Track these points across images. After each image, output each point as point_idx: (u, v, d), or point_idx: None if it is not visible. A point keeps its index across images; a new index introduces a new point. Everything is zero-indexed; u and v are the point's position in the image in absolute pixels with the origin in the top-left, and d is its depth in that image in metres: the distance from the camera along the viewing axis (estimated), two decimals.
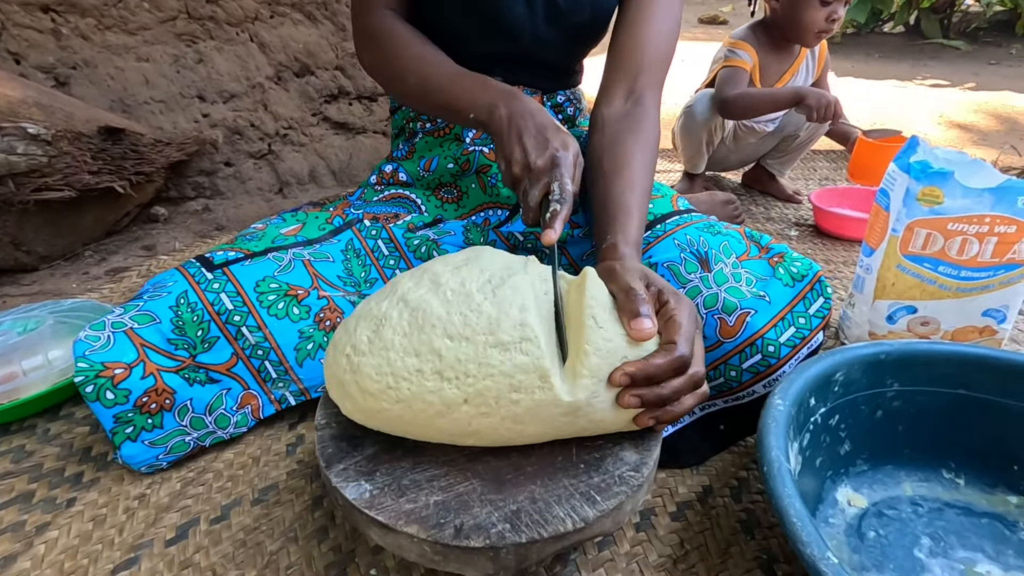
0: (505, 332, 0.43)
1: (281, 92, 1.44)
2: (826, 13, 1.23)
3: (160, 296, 0.60)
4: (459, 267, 0.48)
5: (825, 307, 0.65)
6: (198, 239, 1.23)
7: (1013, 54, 3.55)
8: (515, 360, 0.43)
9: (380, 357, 0.44)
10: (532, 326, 0.43)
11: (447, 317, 0.44)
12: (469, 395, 0.43)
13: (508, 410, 0.43)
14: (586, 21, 0.78)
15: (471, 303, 0.44)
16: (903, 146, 0.78)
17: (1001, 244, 0.70)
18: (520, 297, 0.44)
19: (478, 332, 0.43)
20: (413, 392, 0.43)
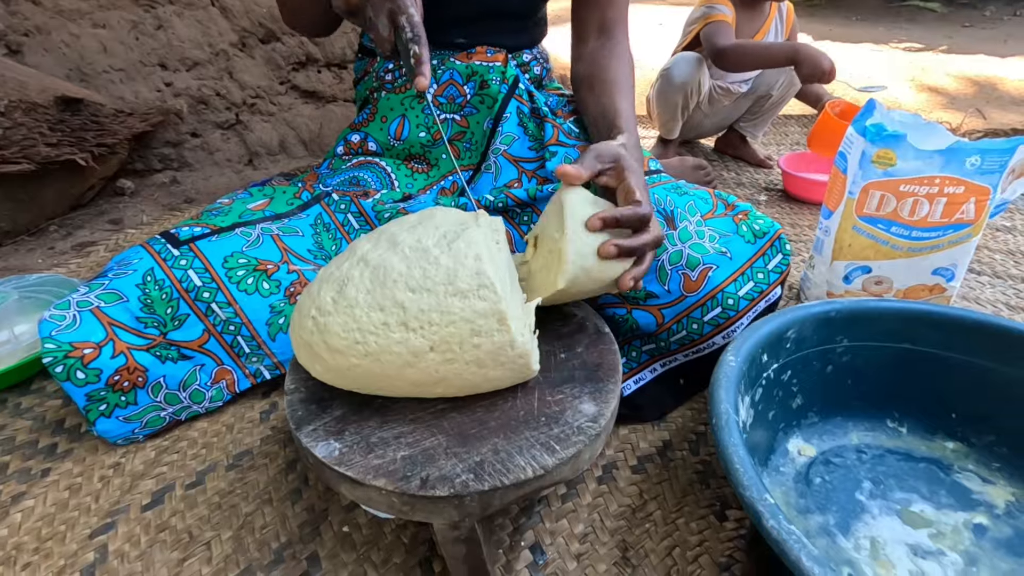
0: (463, 281, 0.45)
1: (247, 59, 1.41)
2: None
3: (125, 274, 0.60)
4: (414, 226, 0.49)
5: (783, 263, 0.67)
6: (166, 212, 1.22)
7: (988, 16, 3.57)
8: (474, 306, 0.44)
9: (346, 315, 0.45)
10: (487, 274, 0.45)
11: (407, 272, 0.45)
12: (434, 343, 0.45)
13: (471, 354, 0.45)
14: None
15: (429, 257, 0.46)
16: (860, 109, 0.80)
17: (950, 204, 0.72)
18: (474, 248, 0.46)
19: (438, 283, 0.45)
20: (380, 345, 0.45)
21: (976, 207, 0.72)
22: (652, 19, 3.71)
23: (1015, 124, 1.70)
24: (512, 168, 0.77)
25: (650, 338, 0.68)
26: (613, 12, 0.78)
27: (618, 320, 0.68)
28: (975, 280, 0.97)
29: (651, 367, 0.71)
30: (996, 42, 2.87)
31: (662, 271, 0.64)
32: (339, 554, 0.53)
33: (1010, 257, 1.04)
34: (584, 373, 0.55)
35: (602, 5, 0.79)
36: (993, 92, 2.03)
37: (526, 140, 0.79)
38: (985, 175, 0.70)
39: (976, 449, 0.63)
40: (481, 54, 0.81)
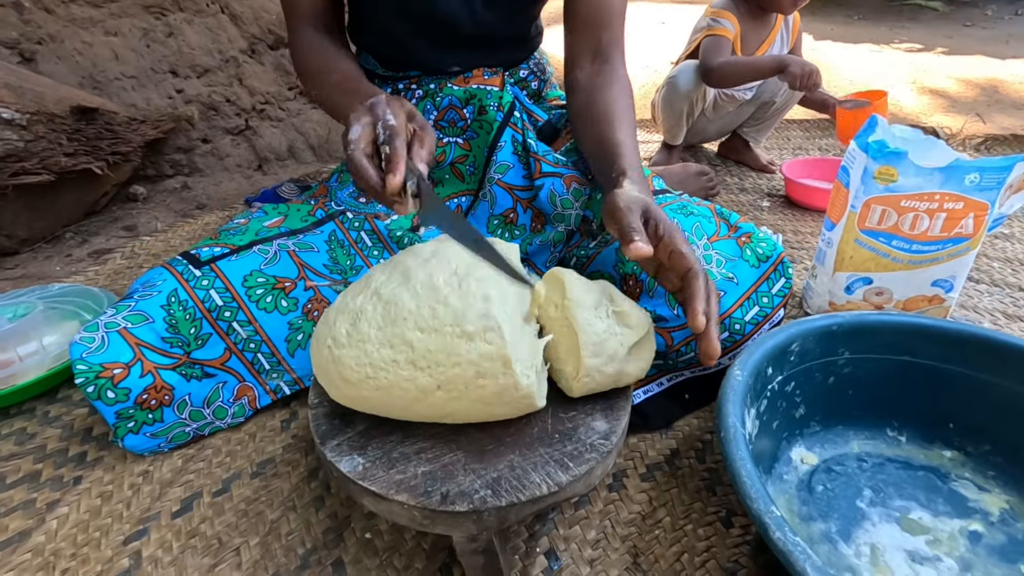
0: (470, 323, 0.47)
1: (256, 66, 1.42)
2: None
3: (151, 295, 0.62)
4: (427, 260, 0.51)
5: (786, 287, 0.69)
6: (179, 218, 1.24)
7: (989, 15, 3.57)
8: (480, 349, 0.46)
9: (358, 349, 0.47)
10: (495, 316, 0.46)
11: (417, 311, 0.47)
12: (441, 382, 0.47)
13: (476, 394, 0.47)
14: None
15: (439, 296, 0.48)
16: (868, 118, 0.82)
17: (949, 219, 0.74)
18: (484, 288, 0.48)
19: (445, 324, 0.46)
20: (390, 380, 0.47)
21: (975, 222, 0.74)
22: (654, 17, 3.71)
23: (1016, 129, 1.71)
24: (507, 196, 0.79)
25: (659, 355, 0.70)
26: (608, 35, 0.76)
27: None
28: (973, 288, 0.99)
29: (659, 380, 0.73)
30: (997, 42, 2.88)
31: (670, 295, 0.66)
32: (362, 559, 0.56)
33: (1008, 265, 1.06)
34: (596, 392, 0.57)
35: (596, 27, 0.76)
36: (994, 95, 2.05)
37: (520, 169, 0.80)
38: (983, 191, 0.72)
39: (973, 458, 0.65)
40: (478, 77, 0.82)
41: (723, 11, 1.32)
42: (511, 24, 0.83)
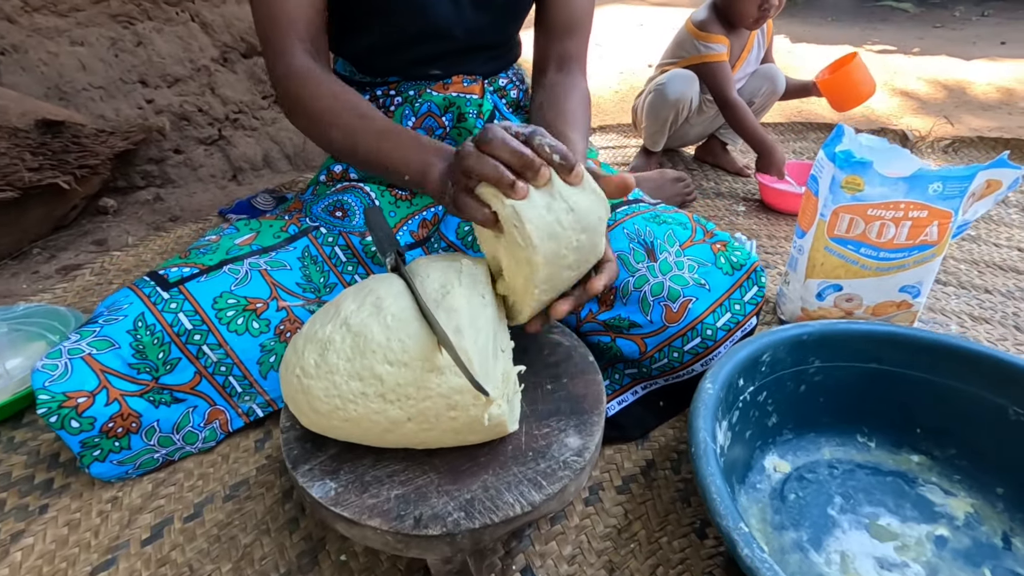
0: (440, 356, 0.46)
1: (228, 74, 1.40)
2: (757, 2, 1.26)
3: (116, 320, 0.61)
4: (399, 292, 0.50)
5: (759, 295, 0.70)
6: (151, 231, 1.21)
7: (957, 16, 3.66)
8: (450, 382, 0.46)
9: (327, 380, 0.47)
10: (466, 350, 0.46)
11: (387, 344, 0.47)
12: (412, 415, 0.47)
13: (448, 425, 0.47)
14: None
15: (409, 329, 0.47)
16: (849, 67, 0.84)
17: (915, 227, 0.76)
18: (455, 319, 0.47)
19: (415, 358, 0.46)
20: (360, 413, 0.47)
21: (939, 229, 0.76)
22: (632, 19, 3.74)
23: (982, 130, 1.76)
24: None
25: (633, 363, 0.70)
26: (573, 46, 0.80)
27: (602, 347, 0.71)
28: (941, 291, 1.02)
29: (633, 389, 0.74)
30: (965, 43, 2.95)
31: (644, 302, 0.66)
32: None
33: (974, 267, 1.09)
34: (569, 405, 0.57)
35: (561, 38, 0.80)
36: (962, 96, 2.10)
37: None
38: (947, 200, 0.74)
39: (939, 462, 0.67)
40: (457, 84, 0.82)
41: (712, 34, 1.33)
42: (499, 31, 0.84)
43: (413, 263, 0.59)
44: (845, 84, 1.32)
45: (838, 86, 1.34)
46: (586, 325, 0.73)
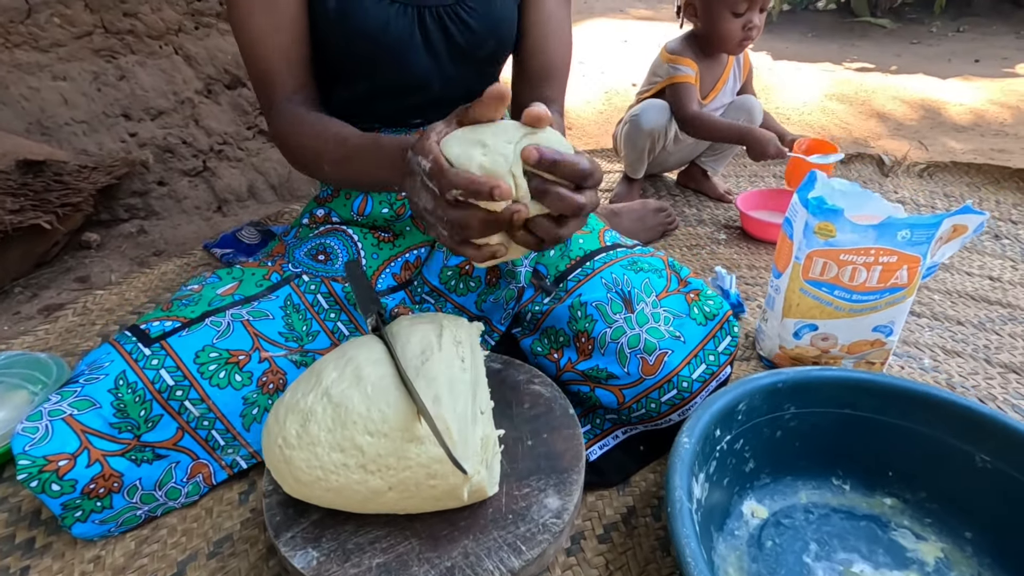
0: (420, 426, 0.47)
1: (212, 106, 1.41)
2: (741, 23, 1.28)
3: (97, 379, 0.61)
4: (379, 360, 0.51)
5: (732, 344, 0.72)
6: (135, 267, 1.21)
7: (933, 32, 3.74)
8: (430, 452, 0.47)
9: (308, 451, 0.48)
10: (444, 418, 0.47)
11: (367, 414, 0.48)
12: (392, 484, 0.48)
13: (428, 493, 0.48)
14: (491, 51, 0.81)
15: (388, 398, 0.48)
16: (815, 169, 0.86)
17: (885, 271, 0.78)
18: (434, 388, 0.49)
19: (395, 428, 0.47)
20: (341, 483, 0.48)
21: (909, 273, 0.78)
22: (617, 35, 3.78)
23: (956, 152, 1.80)
24: None
25: (612, 411, 0.72)
26: (551, 92, 0.82)
27: (582, 396, 0.72)
28: (915, 323, 1.04)
29: (614, 434, 0.75)
30: (941, 60, 3.02)
31: (621, 354, 0.68)
32: None
33: (947, 298, 1.11)
34: (550, 463, 0.58)
35: (539, 84, 0.82)
36: (937, 118, 2.15)
37: None
38: (915, 246, 0.76)
39: (911, 505, 0.69)
40: None
41: (681, 57, 1.36)
42: (477, 82, 0.85)
43: (394, 323, 0.60)
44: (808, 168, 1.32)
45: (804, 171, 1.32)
46: (566, 374, 0.74)
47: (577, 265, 0.79)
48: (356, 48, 0.73)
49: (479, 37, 0.77)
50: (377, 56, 0.74)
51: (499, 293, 0.81)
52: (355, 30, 0.71)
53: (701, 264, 1.24)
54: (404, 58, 0.74)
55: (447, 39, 0.76)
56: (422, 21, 0.73)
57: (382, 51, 0.73)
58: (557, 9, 0.83)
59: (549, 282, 0.80)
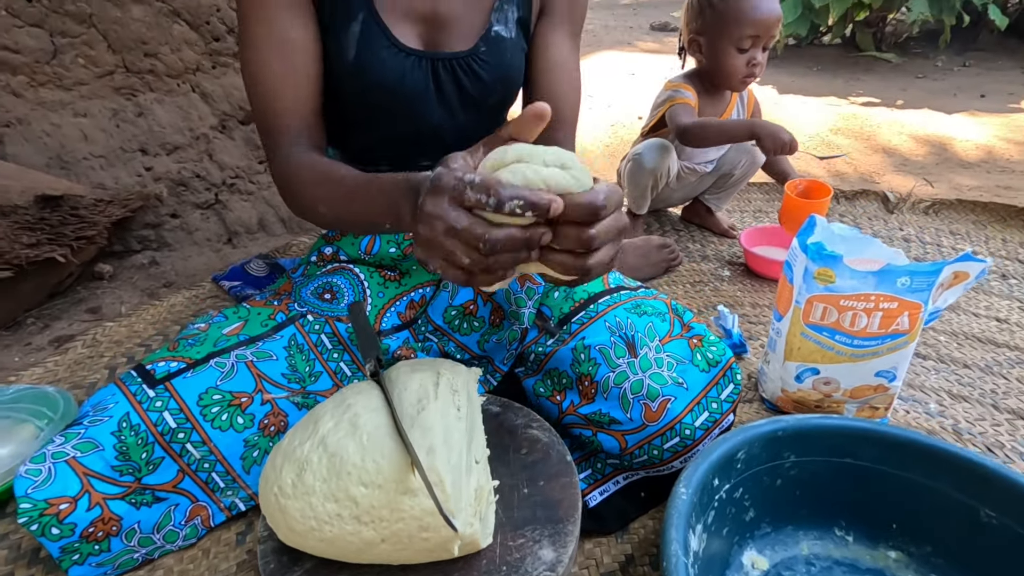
0: (414, 478, 0.48)
1: (226, 141, 1.45)
2: (745, 59, 1.31)
3: (101, 421, 0.62)
4: (376, 408, 0.52)
5: (735, 392, 0.72)
6: (145, 298, 1.23)
7: (939, 66, 3.77)
8: (422, 504, 0.47)
9: (303, 501, 0.48)
10: (438, 470, 0.47)
11: (361, 464, 0.48)
12: (385, 536, 0.48)
13: (421, 545, 0.48)
14: (500, 99, 0.83)
15: (383, 448, 0.49)
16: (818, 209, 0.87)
17: (886, 318, 0.78)
18: (429, 438, 0.49)
19: (389, 480, 0.48)
20: (335, 533, 0.48)
21: (910, 319, 0.78)
22: (625, 68, 3.85)
23: (962, 189, 1.80)
24: (469, 289, 0.81)
25: (614, 456, 0.71)
26: (560, 137, 0.83)
27: (584, 440, 0.72)
28: (920, 365, 1.03)
29: (615, 479, 0.75)
30: (947, 95, 3.03)
31: (624, 399, 0.68)
32: None
33: (953, 339, 1.10)
34: (545, 512, 0.58)
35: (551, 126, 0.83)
36: (943, 153, 2.15)
37: None
38: (915, 293, 0.76)
39: (915, 559, 0.67)
40: None
41: (681, 85, 1.38)
42: (487, 129, 0.87)
43: (393, 369, 0.61)
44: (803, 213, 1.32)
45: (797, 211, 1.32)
46: (567, 418, 0.74)
47: (581, 308, 0.79)
48: (372, 98, 0.75)
49: (489, 87, 0.79)
50: (392, 106, 0.76)
51: (503, 334, 0.82)
52: (372, 82, 0.73)
53: (704, 301, 1.24)
54: (418, 108, 0.77)
55: (459, 89, 0.78)
56: (436, 73, 0.76)
57: (397, 102, 0.76)
58: (566, 57, 0.84)
59: (553, 324, 0.80)
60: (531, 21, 0.81)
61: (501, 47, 0.77)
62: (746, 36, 1.27)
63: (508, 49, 0.78)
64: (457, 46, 0.76)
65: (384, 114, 0.77)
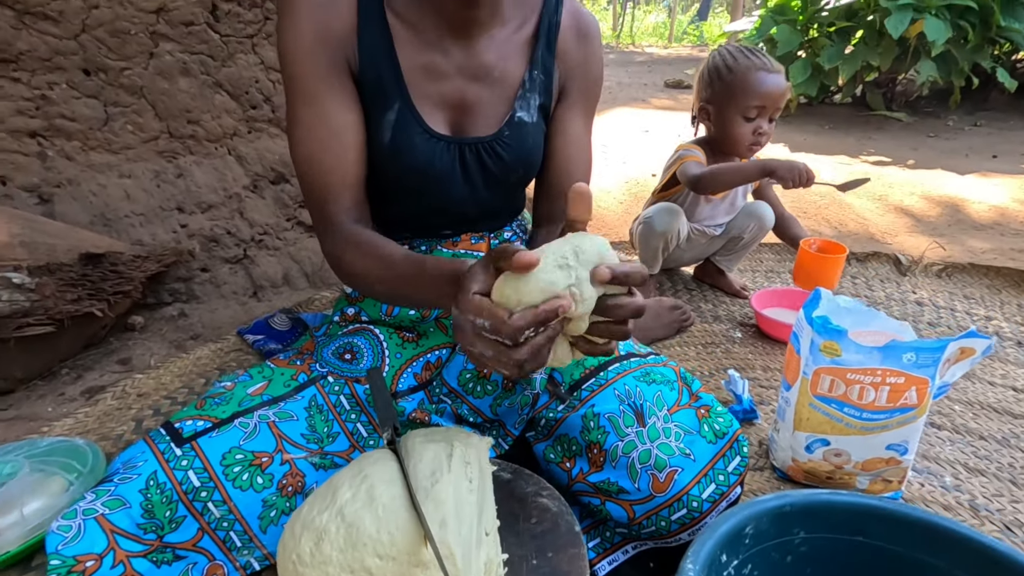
0: (426, 551, 0.50)
1: (257, 200, 1.53)
2: (752, 128, 1.36)
3: (130, 479, 0.65)
4: (392, 480, 0.55)
5: (742, 465, 0.73)
6: (173, 350, 1.28)
7: (950, 125, 3.83)
8: None
9: (320, 571, 0.50)
10: (449, 543, 0.49)
11: (377, 536, 0.50)
12: None
13: None
14: (520, 177, 0.88)
15: (398, 520, 0.51)
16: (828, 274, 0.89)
17: (893, 392, 0.79)
18: (441, 511, 0.51)
19: (403, 552, 0.50)
20: None
21: (918, 394, 0.79)
22: (639, 125, 3.97)
23: (976, 252, 1.81)
24: None
25: (622, 526, 0.72)
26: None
27: (592, 508, 0.73)
28: (935, 435, 1.03)
29: (624, 548, 0.75)
30: (958, 155, 3.08)
31: (632, 469, 0.69)
32: None
33: (969, 409, 1.10)
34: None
35: (561, 200, 0.88)
36: (956, 215, 2.17)
37: None
38: (922, 368, 0.77)
39: None
40: (466, 242, 0.90)
41: (691, 146, 1.44)
42: (507, 203, 0.93)
43: (408, 438, 0.64)
44: (817, 269, 1.37)
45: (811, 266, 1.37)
46: (577, 485, 0.75)
47: (591, 375, 0.82)
48: (402, 178, 0.81)
49: (511, 167, 0.84)
50: (421, 185, 0.82)
51: (515, 398, 0.84)
52: (404, 164, 0.79)
53: (716, 364, 1.26)
54: (445, 187, 0.82)
55: (483, 170, 0.83)
56: (463, 156, 0.82)
57: (426, 182, 0.81)
58: (580, 133, 0.90)
59: (564, 390, 0.82)
60: (551, 105, 0.87)
61: (523, 131, 0.83)
62: (752, 107, 1.33)
63: (530, 133, 0.84)
64: (482, 131, 0.81)
65: (412, 191, 0.83)
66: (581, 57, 0.85)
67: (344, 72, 0.74)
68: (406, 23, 0.75)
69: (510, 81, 0.81)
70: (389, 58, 0.75)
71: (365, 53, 0.74)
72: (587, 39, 0.85)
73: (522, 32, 0.81)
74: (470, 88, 0.79)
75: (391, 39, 0.74)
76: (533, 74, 0.82)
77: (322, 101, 0.74)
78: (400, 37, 0.75)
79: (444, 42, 0.76)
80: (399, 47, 0.75)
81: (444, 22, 0.75)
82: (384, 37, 0.74)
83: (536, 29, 0.81)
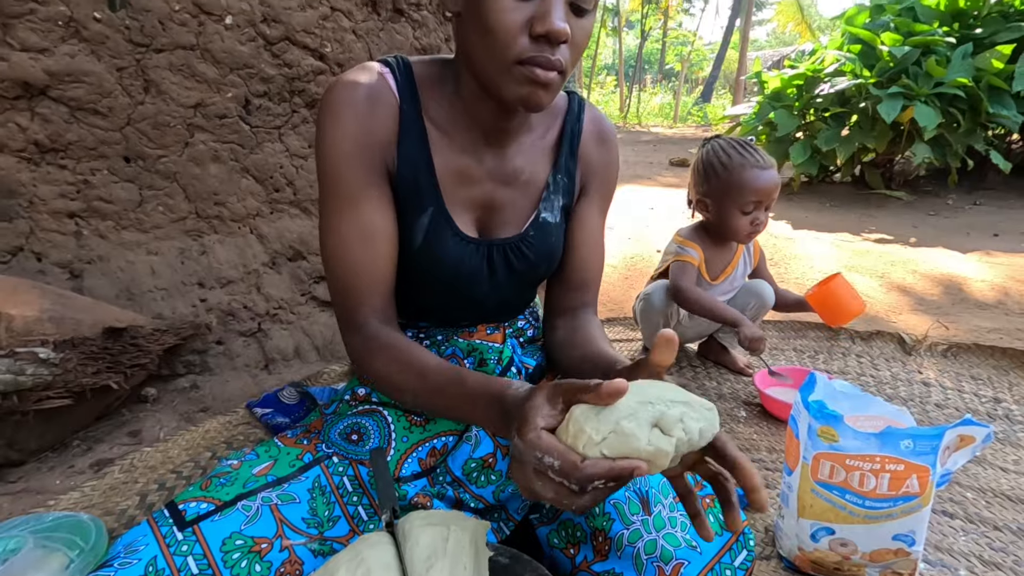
0: None
1: (274, 276, 1.60)
2: (749, 219, 1.43)
3: (130, 564, 0.65)
4: (388, 564, 0.56)
5: (748, 559, 0.72)
6: (183, 422, 1.30)
7: (950, 204, 3.92)
8: None
9: None
10: None
11: None
12: None
13: None
14: (543, 273, 0.93)
15: None
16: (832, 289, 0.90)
17: (894, 479, 0.79)
18: None
19: None
20: None
21: (919, 482, 0.79)
22: (645, 202, 4.11)
23: (980, 332, 1.81)
24: (490, 442, 0.85)
25: None
26: (588, 297, 0.91)
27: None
28: (948, 525, 1.00)
29: None
30: (959, 233, 3.13)
31: (638, 560, 0.69)
32: None
33: (981, 496, 1.07)
34: None
35: (577, 290, 0.91)
36: (958, 294, 2.19)
37: None
38: (920, 456, 0.78)
39: None
40: (481, 332, 0.93)
41: (688, 240, 1.50)
42: (524, 297, 0.97)
43: (407, 520, 0.64)
44: (830, 300, 1.42)
45: (825, 301, 1.43)
46: (581, 573, 0.74)
47: None
48: (433, 277, 0.85)
49: (535, 265, 0.89)
50: (449, 284, 0.86)
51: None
52: (436, 265, 0.83)
53: None
54: (471, 285, 0.87)
55: (508, 268, 0.88)
56: (490, 256, 0.86)
57: (454, 281, 0.85)
58: (595, 229, 0.94)
59: None
60: (572, 205, 0.92)
61: (547, 231, 0.88)
62: (748, 201, 1.40)
63: (553, 232, 0.89)
64: (508, 232, 0.86)
65: (438, 289, 0.87)
66: (601, 160, 0.91)
67: (383, 176, 0.78)
68: (441, 130, 0.80)
69: (536, 184, 0.86)
70: (427, 164, 0.79)
71: (404, 159, 0.79)
72: (607, 144, 0.92)
73: (547, 138, 0.87)
74: (499, 191, 0.84)
75: (428, 146, 0.79)
76: (557, 177, 0.87)
77: (359, 204, 0.77)
78: (437, 144, 0.80)
79: (477, 149, 0.81)
80: (435, 154, 0.80)
81: (479, 130, 0.80)
82: (423, 144, 0.79)
83: (560, 135, 0.87)
